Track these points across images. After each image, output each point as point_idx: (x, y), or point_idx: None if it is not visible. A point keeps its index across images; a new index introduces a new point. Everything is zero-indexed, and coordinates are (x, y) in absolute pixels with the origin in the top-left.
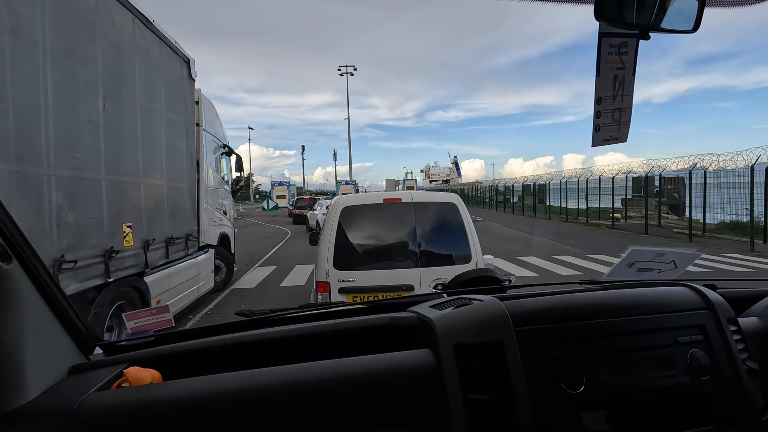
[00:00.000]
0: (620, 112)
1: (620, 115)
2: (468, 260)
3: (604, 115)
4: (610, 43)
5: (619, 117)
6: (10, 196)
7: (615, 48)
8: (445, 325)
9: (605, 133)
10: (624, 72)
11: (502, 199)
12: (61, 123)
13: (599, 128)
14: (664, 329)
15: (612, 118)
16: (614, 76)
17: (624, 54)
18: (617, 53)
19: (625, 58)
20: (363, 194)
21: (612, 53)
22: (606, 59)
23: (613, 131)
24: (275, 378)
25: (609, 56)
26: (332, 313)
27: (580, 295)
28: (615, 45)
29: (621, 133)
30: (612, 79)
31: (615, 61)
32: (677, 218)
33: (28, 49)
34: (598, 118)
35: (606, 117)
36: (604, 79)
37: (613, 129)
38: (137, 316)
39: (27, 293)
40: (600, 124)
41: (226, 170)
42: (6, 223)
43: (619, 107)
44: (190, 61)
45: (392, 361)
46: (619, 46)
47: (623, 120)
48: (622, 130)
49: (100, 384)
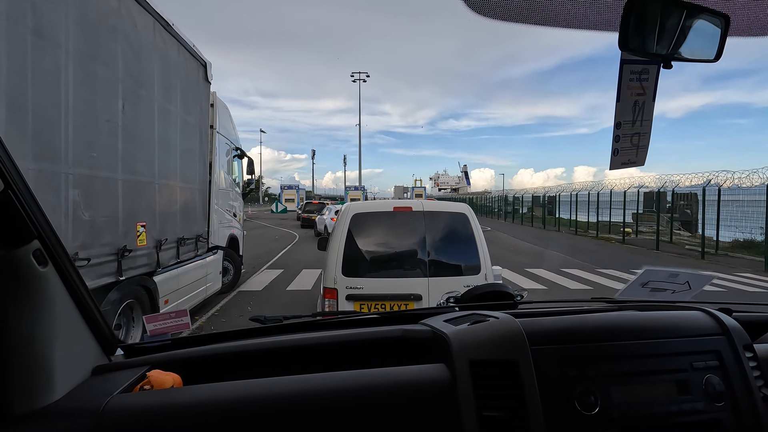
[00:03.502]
0: (639, 137)
1: (639, 140)
2: (477, 271)
3: (623, 139)
4: (632, 70)
5: (637, 141)
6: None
7: (636, 75)
8: (461, 341)
9: (623, 157)
10: (644, 98)
11: (511, 209)
12: (80, 122)
13: (618, 152)
14: (679, 354)
15: (631, 142)
16: (634, 102)
17: (645, 80)
18: (638, 80)
19: (645, 84)
20: (373, 201)
21: (633, 80)
22: (627, 85)
23: (631, 155)
24: (296, 386)
25: (630, 82)
26: (344, 322)
27: (596, 315)
28: (636, 72)
29: (639, 157)
30: (632, 104)
31: (636, 87)
32: (689, 235)
33: (51, 50)
34: (617, 142)
35: (625, 141)
36: (624, 104)
37: (631, 153)
38: (156, 318)
39: (59, 295)
40: (618, 148)
41: (238, 172)
42: (44, 228)
43: (638, 132)
44: (207, 65)
45: (408, 375)
46: (640, 72)
47: (641, 144)
48: (640, 154)
49: (123, 386)
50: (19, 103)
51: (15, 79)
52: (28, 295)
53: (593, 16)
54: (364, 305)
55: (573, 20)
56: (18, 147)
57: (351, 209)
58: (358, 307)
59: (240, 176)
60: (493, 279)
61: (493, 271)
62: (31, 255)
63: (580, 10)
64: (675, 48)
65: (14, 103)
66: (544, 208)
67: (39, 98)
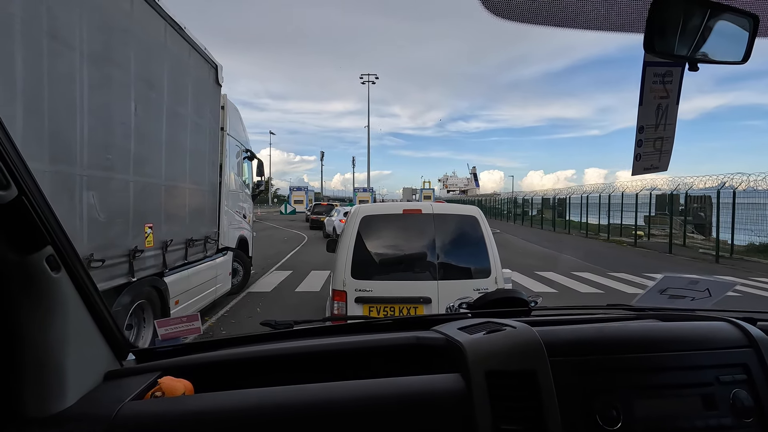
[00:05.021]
0: (662, 141)
1: (662, 144)
2: (487, 274)
3: (645, 143)
4: (655, 72)
5: (660, 146)
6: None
7: (659, 77)
8: (477, 351)
9: (646, 162)
10: (668, 101)
11: (520, 211)
12: (95, 124)
13: (640, 157)
14: (705, 367)
15: (654, 146)
16: (657, 105)
17: (668, 83)
18: (661, 82)
19: (669, 87)
20: (383, 204)
21: (656, 82)
22: (650, 88)
23: (654, 160)
24: (308, 396)
25: (653, 85)
26: (355, 327)
27: (616, 325)
28: (659, 74)
29: (662, 162)
30: (655, 108)
31: (659, 90)
32: (703, 238)
33: (66, 53)
34: (639, 147)
35: (647, 146)
36: (646, 108)
37: (654, 158)
38: (168, 323)
39: (72, 301)
40: (641, 153)
41: (248, 174)
42: (58, 233)
43: (661, 136)
44: (218, 68)
45: (422, 384)
46: (663, 75)
47: (665, 149)
48: (663, 159)
49: (135, 392)
50: (36, 106)
51: (31, 82)
52: (41, 301)
53: (614, 18)
54: (374, 308)
55: (593, 22)
56: (34, 149)
57: (360, 211)
58: (368, 310)
59: (250, 178)
60: (504, 282)
61: (504, 274)
62: (44, 261)
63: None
64: (701, 49)
65: (31, 106)
66: (554, 211)
67: (55, 101)
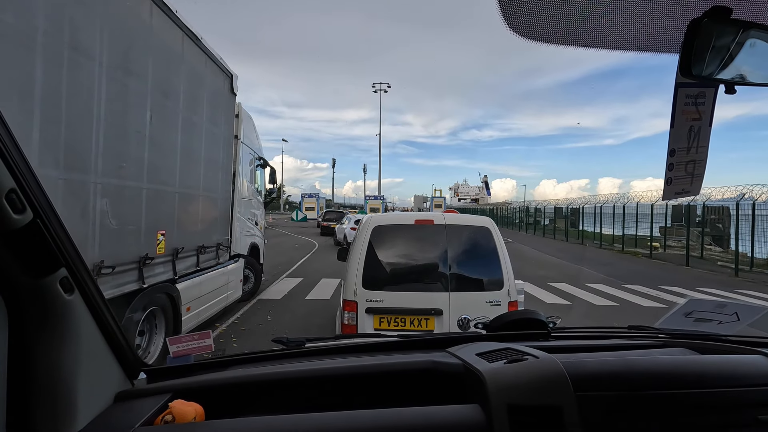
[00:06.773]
0: (694, 165)
1: (694, 168)
2: (500, 286)
3: (677, 167)
4: (687, 94)
5: (692, 169)
6: (57, 201)
7: (692, 98)
8: (497, 381)
9: (677, 186)
10: (700, 123)
11: (532, 221)
12: (110, 133)
13: (671, 181)
14: (743, 405)
15: (685, 170)
16: (689, 127)
17: (701, 104)
18: (694, 104)
19: (701, 108)
20: (394, 214)
21: (689, 104)
22: (681, 110)
23: (685, 184)
24: (320, 425)
25: (685, 107)
26: (367, 346)
27: (646, 359)
28: (692, 95)
29: (694, 187)
30: (687, 130)
31: (691, 112)
32: (721, 250)
33: (85, 64)
34: (670, 171)
35: (679, 169)
36: (678, 130)
37: (685, 182)
38: (180, 340)
39: (84, 322)
40: (672, 177)
41: (260, 181)
42: (71, 254)
43: (693, 159)
44: (233, 77)
45: (440, 415)
46: (696, 96)
47: (697, 173)
48: (695, 183)
49: (146, 417)
50: (54, 115)
51: (50, 92)
52: (54, 323)
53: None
54: (384, 319)
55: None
56: (50, 157)
57: (372, 221)
58: (378, 321)
59: (262, 185)
60: (516, 294)
61: (516, 285)
62: (57, 283)
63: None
64: (739, 71)
65: (49, 115)
66: (567, 220)
67: (72, 110)
